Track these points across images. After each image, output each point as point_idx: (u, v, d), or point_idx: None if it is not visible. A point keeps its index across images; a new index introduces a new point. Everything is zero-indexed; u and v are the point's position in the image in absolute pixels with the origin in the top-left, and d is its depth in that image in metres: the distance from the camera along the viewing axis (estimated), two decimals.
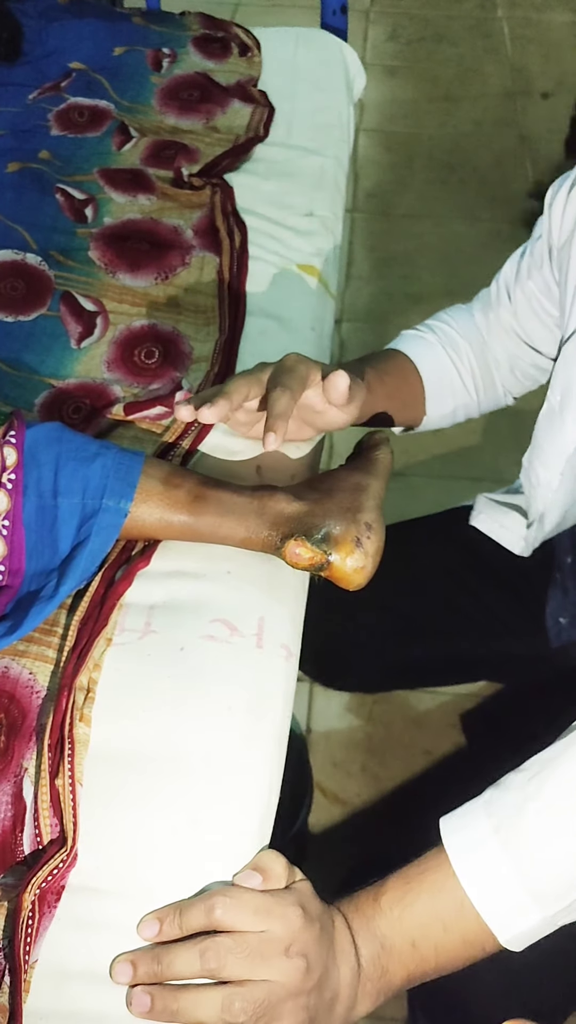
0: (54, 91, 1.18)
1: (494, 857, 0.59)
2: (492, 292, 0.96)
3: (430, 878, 0.60)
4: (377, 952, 0.59)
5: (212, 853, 0.59)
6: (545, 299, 0.89)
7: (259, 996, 0.53)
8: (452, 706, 1.48)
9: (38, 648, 0.67)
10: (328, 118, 1.22)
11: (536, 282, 0.89)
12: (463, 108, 2.62)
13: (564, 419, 0.83)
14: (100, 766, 0.61)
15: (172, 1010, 0.53)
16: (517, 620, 1.02)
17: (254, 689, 0.66)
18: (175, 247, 1.00)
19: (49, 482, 0.67)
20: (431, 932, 0.59)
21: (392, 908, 0.59)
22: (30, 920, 0.55)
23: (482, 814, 0.61)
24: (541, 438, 0.89)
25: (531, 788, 0.60)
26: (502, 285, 0.94)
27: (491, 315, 0.95)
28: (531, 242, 0.91)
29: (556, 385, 0.85)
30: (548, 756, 0.62)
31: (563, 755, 0.61)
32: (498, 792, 0.62)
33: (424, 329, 0.95)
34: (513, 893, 0.59)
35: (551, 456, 0.88)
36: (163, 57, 1.25)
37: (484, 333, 0.96)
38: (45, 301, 0.94)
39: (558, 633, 0.96)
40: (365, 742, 1.46)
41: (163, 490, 0.69)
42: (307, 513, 0.70)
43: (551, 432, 0.87)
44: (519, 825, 0.59)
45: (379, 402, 0.85)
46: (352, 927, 0.59)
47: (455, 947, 0.60)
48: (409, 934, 0.59)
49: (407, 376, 0.90)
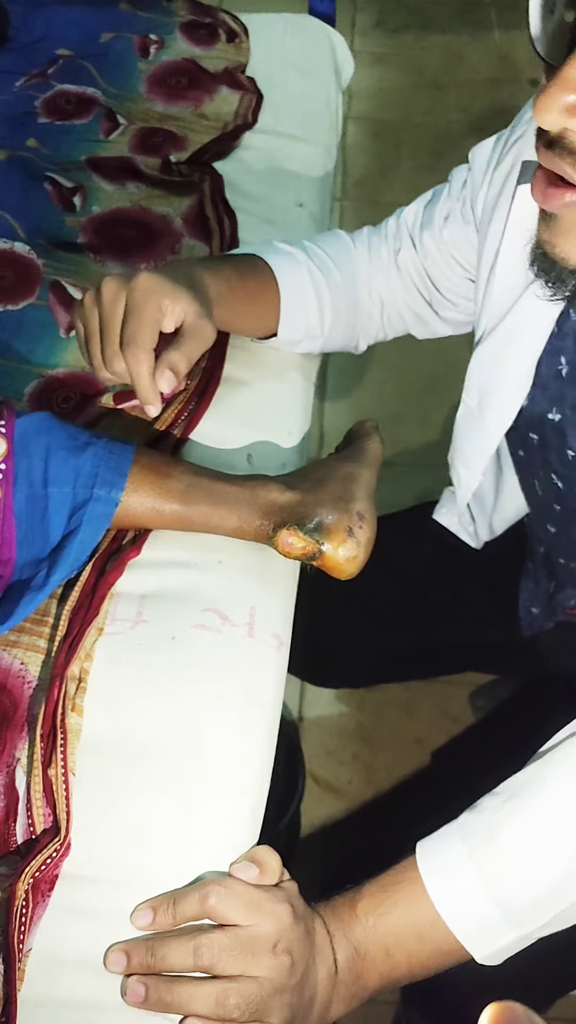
0: (41, 78, 1.17)
1: (468, 881, 0.59)
2: (388, 231, 0.91)
3: (406, 890, 0.60)
4: (352, 957, 0.59)
5: (204, 841, 0.59)
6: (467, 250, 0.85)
7: (252, 992, 0.54)
8: (443, 694, 1.49)
9: (29, 638, 0.67)
10: (316, 105, 1.22)
11: (454, 232, 0.85)
12: (451, 95, 2.61)
13: (484, 420, 0.83)
14: (92, 755, 0.62)
15: (166, 1002, 0.54)
16: (492, 611, 1.02)
17: (245, 678, 0.66)
18: (165, 236, 1.00)
19: (39, 472, 0.67)
20: (405, 942, 0.59)
21: (367, 916, 0.59)
22: (24, 909, 0.55)
23: (457, 838, 0.60)
24: (460, 439, 0.88)
25: (505, 812, 0.60)
26: (403, 228, 0.90)
27: (382, 253, 0.91)
28: (450, 189, 0.86)
29: (471, 387, 0.84)
30: (522, 780, 0.62)
31: (536, 779, 0.61)
32: (472, 816, 0.61)
33: (297, 248, 0.88)
34: (487, 916, 0.58)
35: (472, 457, 0.87)
36: (150, 43, 1.24)
37: (364, 270, 0.91)
38: (34, 290, 0.93)
39: (530, 623, 0.97)
40: (357, 730, 1.46)
41: (154, 479, 0.69)
42: (299, 502, 0.70)
43: (470, 434, 0.86)
44: (493, 849, 0.59)
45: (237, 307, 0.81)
46: (329, 930, 0.59)
47: (429, 956, 0.60)
48: (383, 942, 0.59)
49: (266, 288, 0.85)
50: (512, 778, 0.62)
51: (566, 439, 0.77)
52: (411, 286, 0.91)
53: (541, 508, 0.89)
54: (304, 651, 0.83)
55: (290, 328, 0.87)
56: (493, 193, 0.78)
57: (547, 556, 0.93)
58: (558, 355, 0.75)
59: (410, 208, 0.90)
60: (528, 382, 0.77)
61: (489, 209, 0.79)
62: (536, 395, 0.78)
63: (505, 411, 0.80)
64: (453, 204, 0.85)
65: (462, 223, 0.84)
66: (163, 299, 0.69)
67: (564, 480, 0.81)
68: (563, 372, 0.75)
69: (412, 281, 0.90)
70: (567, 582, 0.90)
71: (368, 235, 0.92)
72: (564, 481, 0.81)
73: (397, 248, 0.90)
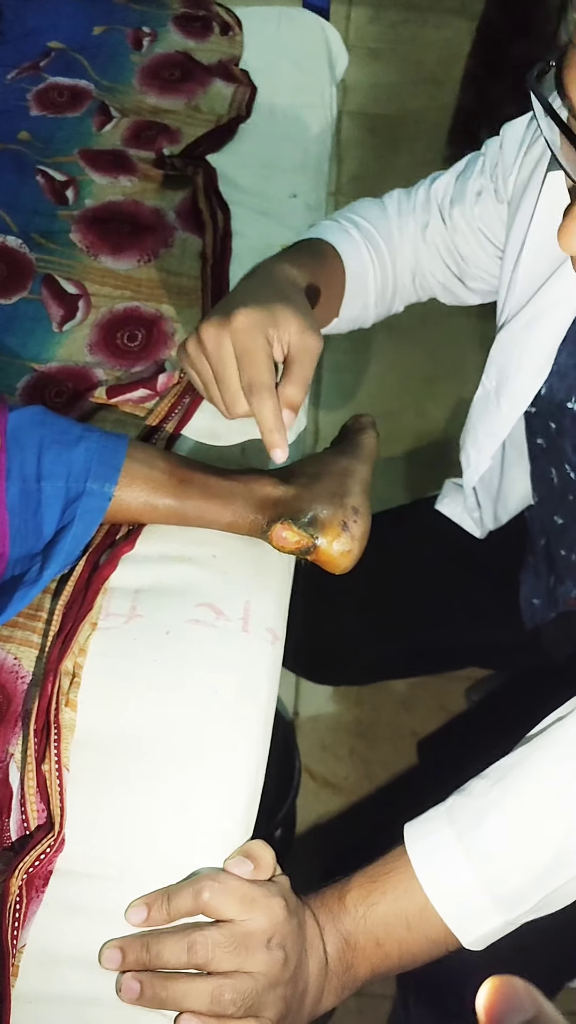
0: (33, 71, 1.17)
1: (456, 864, 0.59)
2: (417, 201, 0.91)
3: (394, 879, 0.60)
4: (342, 948, 0.59)
5: (199, 836, 0.59)
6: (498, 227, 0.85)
7: (247, 987, 0.54)
8: (440, 689, 1.49)
9: (23, 633, 0.67)
10: (311, 98, 1.21)
11: (485, 209, 0.85)
12: (447, 90, 2.60)
13: (499, 404, 0.83)
14: (86, 751, 0.61)
15: (161, 998, 0.54)
16: (493, 604, 1.02)
17: (240, 673, 0.65)
18: (158, 229, 1.00)
19: (32, 466, 0.67)
20: (395, 931, 0.59)
21: (357, 907, 0.59)
22: (17, 905, 0.55)
23: (444, 821, 0.61)
24: (475, 420, 0.88)
25: (493, 795, 0.60)
26: (433, 201, 0.90)
27: (410, 224, 0.91)
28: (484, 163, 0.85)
29: (491, 370, 0.84)
30: (510, 763, 0.62)
31: (524, 762, 0.61)
32: (460, 799, 0.61)
33: (347, 223, 0.88)
34: (475, 899, 0.59)
35: (484, 439, 0.88)
36: (143, 36, 1.24)
37: (397, 238, 0.91)
38: (26, 284, 0.93)
39: (532, 615, 0.97)
40: (353, 725, 1.46)
41: (148, 473, 0.69)
42: (294, 497, 0.70)
43: (485, 416, 0.86)
44: (481, 832, 0.59)
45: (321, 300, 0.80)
46: (319, 922, 0.59)
47: (419, 945, 0.60)
48: (373, 932, 0.59)
49: (337, 271, 0.85)
50: (500, 761, 0.62)
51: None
52: (438, 258, 0.91)
53: (551, 498, 0.88)
54: (304, 649, 0.82)
55: (351, 306, 0.87)
56: (524, 175, 0.78)
57: (548, 549, 0.93)
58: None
59: (441, 180, 0.89)
60: (547, 369, 0.77)
61: (520, 191, 0.79)
62: (554, 383, 0.78)
63: (521, 396, 0.80)
64: (486, 182, 0.85)
65: (495, 200, 0.84)
66: (267, 330, 0.67)
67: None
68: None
69: (439, 254, 0.91)
70: (567, 575, 0.90)
71: (399, 202, 0.92)
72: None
73: (426, 222, 0.90)
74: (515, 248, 0.78)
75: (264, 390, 0.66)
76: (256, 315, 0.67)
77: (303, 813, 1.32)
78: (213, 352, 0.68)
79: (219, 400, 0.71)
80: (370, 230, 0.89)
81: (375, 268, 0.88)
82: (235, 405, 0.69)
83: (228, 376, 0.68)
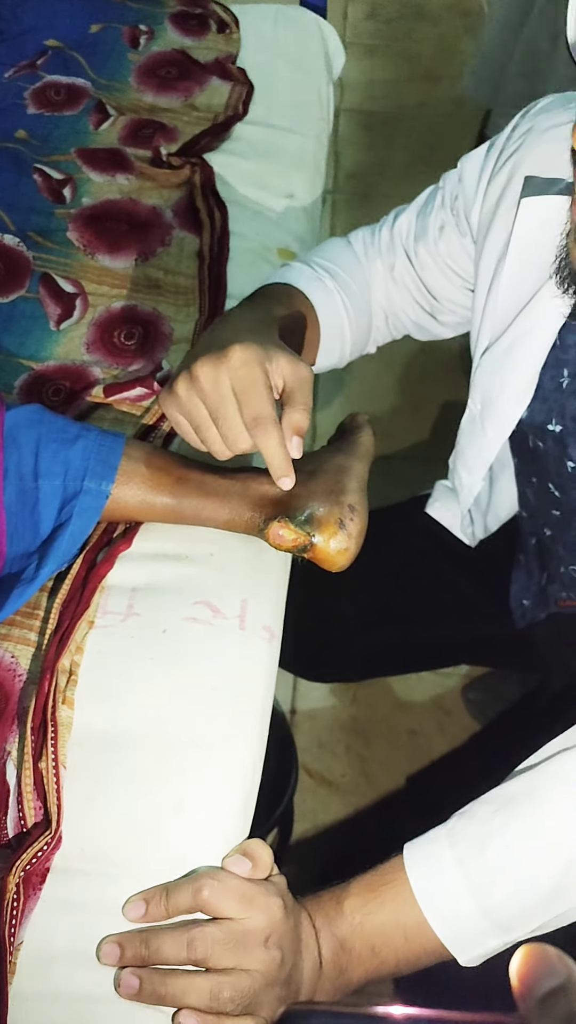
0: (30, 69, 1.17)
1: (456, 890, 0.59)
2: (382, 242, 0.91)
3: (393, 891, 0.60)
4: (337, 952, 0.59)
5: (196, 834, 0.59)
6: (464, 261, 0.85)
7: (246, 985, 0.54)
8: (436, 686, 1.49)
9: (20, 631, 0.67)
10: (307, 96, 1.21)
11: (449, 244, 0.85)
12: (443, 87, 2.60)
13: (484, 428, 0.83)
14: (83, 748, 0.61)
15: (160, 994, 0.54)
16: (484, 603, 1.02)
17: (237, 670, 0.66)
18: (155, 228, 1.00)
19: (30, 464, 0.67)
20: (392, 940, 0.59)
21: (354, 913, 0.60)
22: (15, 902, 0.55)
23: (445, 843, 0.61)
24: (464, 444, 0.89)
25: (496, 822, 0.60)
26: (397, 240, 0.90)
27: (377, 265, 0.91)
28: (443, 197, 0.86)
29: (475, 394, 0.84)
30: (514, 790, 0.62)
31: (529, 792, 0.61)
32: (462, 822, 0.61)
33: (320, 271, 0.87)
34: (474, 923, 0.59)
35: (473, 461, 0.88)
36: (140, 34, 1.24)
37: (368, 282, 0.91)
38: (24, 283, 0.93)
39: (522, 614, 0.97)
40: (350, 723, 1.46)
41: (145, 472, 0.69)
42: (290, 495, 0.70)
43: (472, 439, 0.87)
44: (483, 860, 0.59)
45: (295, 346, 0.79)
46: (315, 924, 0.59)
47: (415, 954, 0.60)
48: (370, 940, 0.59)
49: (308, 321, 0.84)
50: (503, 786, 0.62)
51: (566, 450, 0.78)
52: (408, 297, 0.91)
53: (537, 512, 0.89)
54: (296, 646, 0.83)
55: (326, 356, 0.87)
56: (490, 205, 0.78)
57: (539, 549, 0.93)
58: (561, 368, 0.76)
59: (403, 218, 0.90)
60: (529, 393, 0.78)
61: (486, 222, 0.79)
62: (536, 406, 0.78)
63: (505, 420, 0.81)
64: (447, 216, 0.85)
65: (458, 235, 0.85)
66: (265, 363, 0.66)
67: (560, 489, 0.82)
68: (564, 384, 0.76)
69: (410, 292, 0.91)
70: (558, 575, 0.90)
71: (364, 244, 0.92)
72: (561, 490, 0.82)
73: (392, 263, 0.90)
74: (487, 276, 0.78)
75: (269, 423, 0.65)
76: (253, 350, 0.66)
77: (300, 810, 1.32)
78: (211, 391, 0.66)
79: (215, 440, 0.68)
80: (346, 281, 0.88)
81: (349, 319, 0.88)
82: (237, 442, 0.67)
83: (229, 414, 0.66)
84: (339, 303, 0.86)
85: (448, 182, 0.86)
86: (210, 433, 0.68)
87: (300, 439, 0.67)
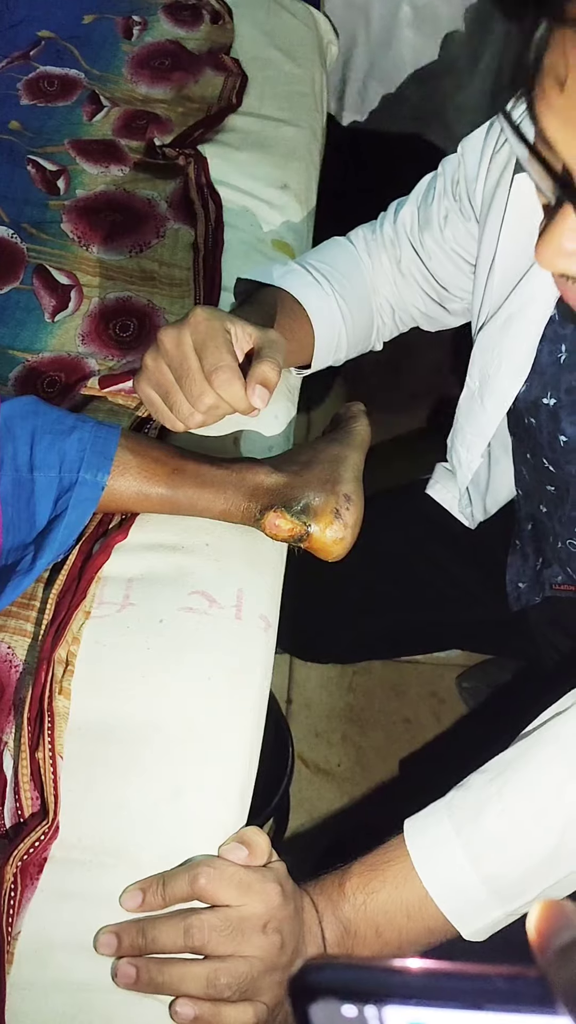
0: (23, 60, 1.16)
1: (456, 858, 0.59)
2: (385, 236, 0.91)
3: (394, 869, 0.60)
4: (341, 935, 0.60)
5: (193, 822, 0.60)
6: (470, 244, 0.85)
7: (243, 971, 0.54)
8: (431, 675, 1.49)
9: (16, 622, 0.67)
10: (301, 87, 1.21)
11: (455, 230, 0.85)
12: None
13: (484, 404, 0.84)
14: (80, 738, 0.62)
15: (158, 982, 0.54)
16: (479, 587, 1.03)
17: (233, 660, 0.66)
18: (149, 219, 0.99)
19: (25, 456, 0.67)
20: (395, 920, 0.60)
21: (356, 895, 0.60)
22: (12, 892, 0.56)
23: (444, 815, 0.61)
24: (463, 421, 0.89)
25: (492, 789, 0.61)
26: (401, 233, 0.90)
27: (383, 260, 0.91)
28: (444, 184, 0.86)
29: (474, 371, 0.84)
30: (509, 757, 0.62)
31: (524, 756, 0.62)
32: (460, 793, 0.62)
33: (316, 274, 0.87)
34: (475, 893, 0.59)
35: (472, 438, 0.88)
36: (133, 25, 1.23)
37: (372, 281, 0.92)
38: (18, 274, 0.93)
39: (517, 598, 0.98)
40: (346, 712, 1.47)
41: (140, 463, 0.69)
42: (286, 485, 0.70)
43: (471, 416, 0.87)
44: (480, 827, 0.60)
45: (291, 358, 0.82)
46: (318, 909, 0.60)
47: (418, 934, 0.60)
48: (373, 920, 0.60)
49: (302, 325, 0.85)
50: (499, 756, 0.63)
51: (560, 423, 0.78)
52: (417, 289, 0.92)
53: (533, 489, 0.89)
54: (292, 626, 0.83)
55: (322, 359, 0.88)
56: (491, 183, 0.78)
57: (535, 533, 0.94)
58: (559, 343, 0.76)
59: (405, 210, 0.90)
60: (527, 368, 0.78)
61: (488, 200, 0.79)
62: (533, 381, 0.79)
63: (503, 395, 0.81)
64: (450, 203, 0.85)
65: (462, 219, 0.85)
66: (226, 324, 0.67)
67: (554, 464, 0.82)
68: (562, 359, 0.76)
69: (417, 284, 0.91)
70: (554, 559, 0.90)
71: (366, 241, 0.92)
72: (555, 465, 0.82)
73: (398, 256, 0.90)
74: (488, 252, 0.79)
75: (227, 370, 0.65)
76: (215, 311, 0.68)
77: (296, 800, 1.33)
78: (173, 351, 0.67)
79: (181, 404, 0.69)
80: (344, 284, 0.88)
81: (346, 322, 0.88)
82: (202, 398, 0.67)
83: (190, 367, 0.67)
84: (334, 307, 0.87)
85: (448, 166, 0.86)
86: (177, 397, 0.69)
87: (266, 390, 0.67)
